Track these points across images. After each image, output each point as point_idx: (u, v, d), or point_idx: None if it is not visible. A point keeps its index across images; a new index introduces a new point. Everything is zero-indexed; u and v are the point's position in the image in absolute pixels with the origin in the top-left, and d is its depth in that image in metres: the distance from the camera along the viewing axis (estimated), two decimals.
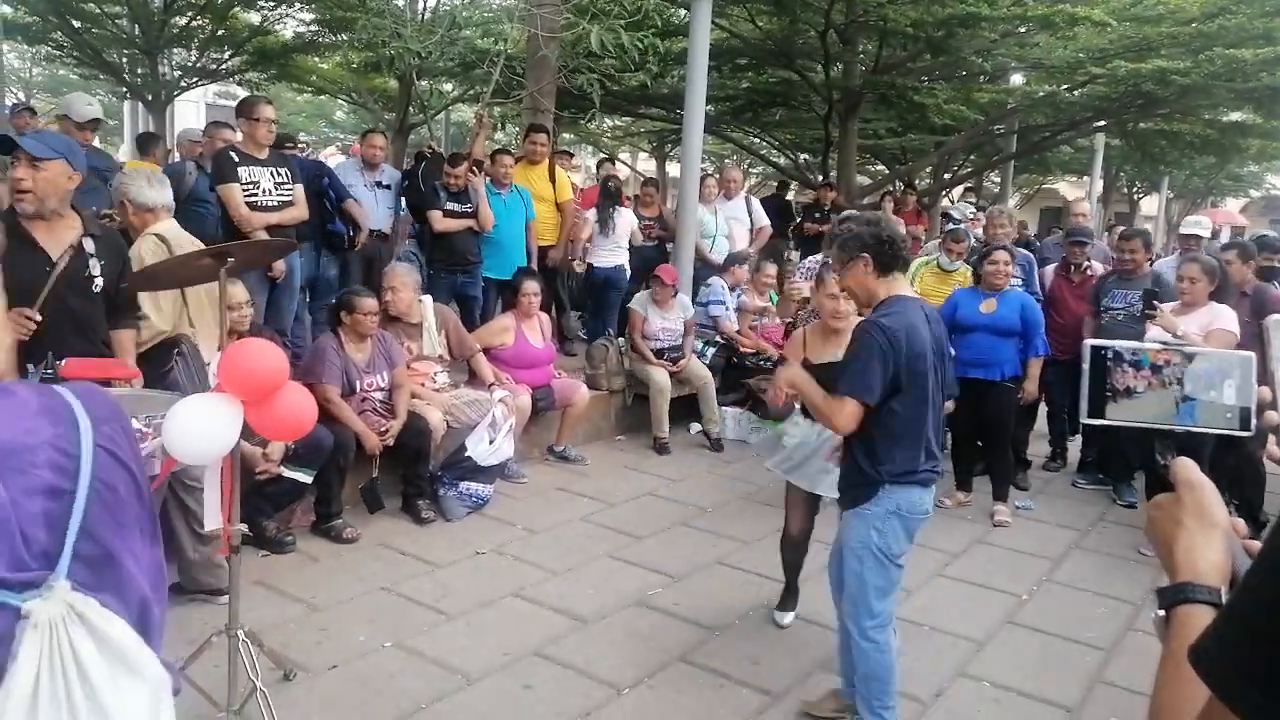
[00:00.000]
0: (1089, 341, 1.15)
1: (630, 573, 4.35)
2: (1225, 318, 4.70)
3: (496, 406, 5.07)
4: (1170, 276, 5.73)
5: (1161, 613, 0.89)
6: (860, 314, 3.26)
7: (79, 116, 5.04)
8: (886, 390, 2.80)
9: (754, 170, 25.58)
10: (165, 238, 3.82)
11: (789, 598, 3.97)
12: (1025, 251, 6.30)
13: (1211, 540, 0.93)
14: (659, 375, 6.37)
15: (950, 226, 7.20)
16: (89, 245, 3.30)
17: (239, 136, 5.51)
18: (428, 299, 5.39)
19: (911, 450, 2.89)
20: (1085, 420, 1.16)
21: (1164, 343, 1.15)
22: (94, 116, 5.14)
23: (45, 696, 1.10)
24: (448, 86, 16.00)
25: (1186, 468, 0.99)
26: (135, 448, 1.26)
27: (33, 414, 1.15)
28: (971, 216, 8.14)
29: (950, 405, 3.37)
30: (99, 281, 3.33)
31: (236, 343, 2.75)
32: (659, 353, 6.49)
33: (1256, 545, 0.94)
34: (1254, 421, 1.09)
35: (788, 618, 3.93)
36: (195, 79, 16.12)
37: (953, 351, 5.30)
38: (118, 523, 1.20)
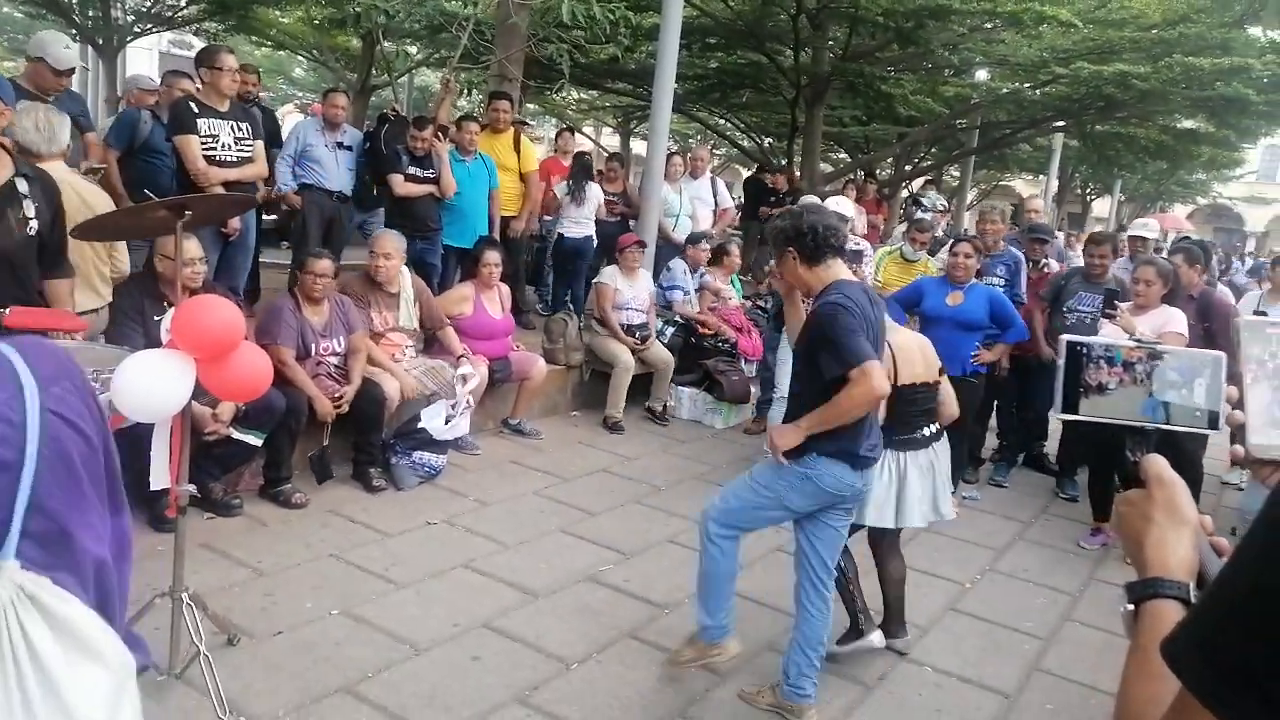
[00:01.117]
0: (1066, 338, 1.17)
1: (582, 548, 4.34)
2: (1177, 320, 4.80)
3: (460, 385, 5.03)
4: (1126, 278, 5.84)
5: (1130, 607, 0.90)
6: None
7: (58, 63, 4.68)
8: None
9: (717, 151, 25.57)
10: None
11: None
12: (1015, 251, 6.15)
13: (1181, 536, 0.94)
14: (625, 354, 6.36)
15: (917, 216, 7.24)
16: (22, 185, 3.16)
17: (197, 88, 5.34)
18: (406, 270, 5.29)
19: (850, 428, 2.91)
20: (1058, 416, 1.17)
21: (1137, 340, 1.16)
22: (73, 65, 4.79)
23: None
24: (413, 49, 15.70)
25: (1157, 464, 1.00)
26: (91, 407, 1.13)
27: None
28: (941, 209, 8.15)
29: None
30: (34, 224, 3.19)
31: (191, 299, 2.68)
32: (627, 330, 6.48)
33: (1224, 542, 0.96)
34: (1222, 421, 1.10)
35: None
36: (149, 25, 15.63)
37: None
38: (72, 494, 1.09)
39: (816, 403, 2.89)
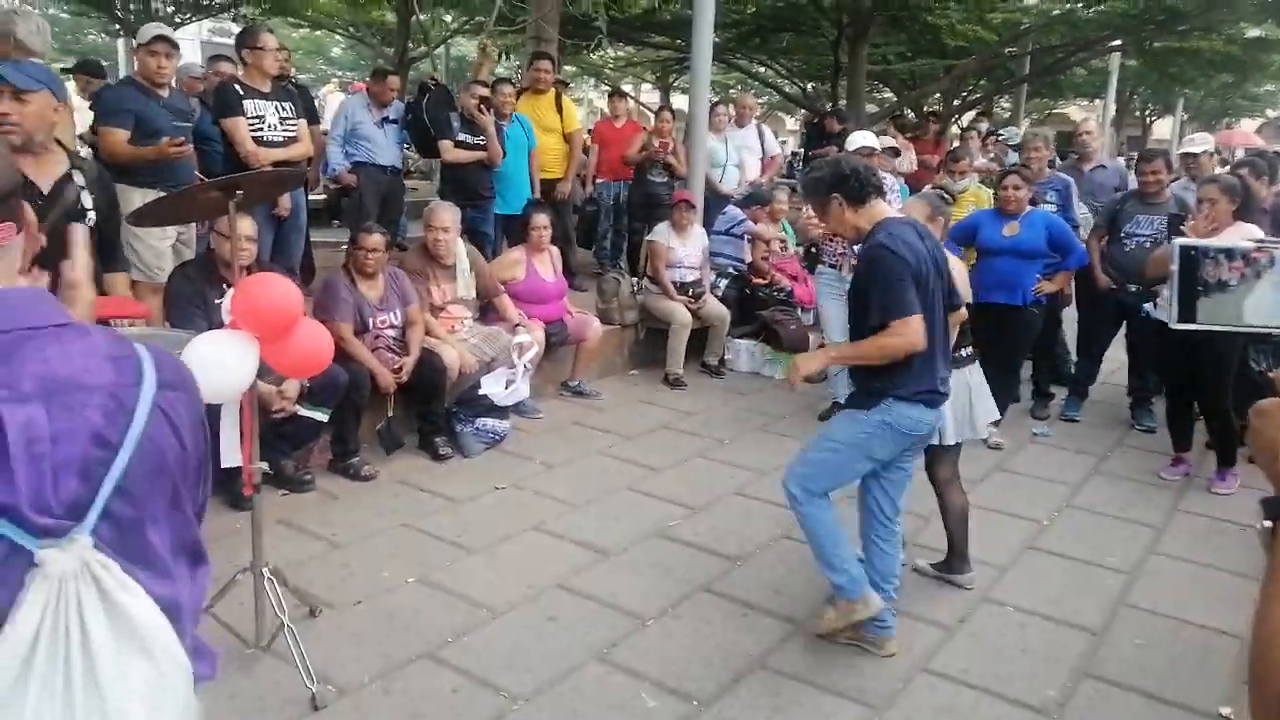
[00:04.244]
0: (1179, 241, 1.09)
1: (649, 505, 4.34)
2: (1253, 236, 4.59)
3: (516, 353, 5.04)
4: (1189, 199, 5.61)
5: (1268, 523, 0.84)
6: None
7: (140, 38, 4.59)
8: None
9: (760, 99, 25.15)
10: None
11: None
12: (1063, 176, 6.13)
13: None
14: (682, 312, 6.31)
15: (950, 147, 7.09)
16: (78, 178, 3.22)
17: (240, 71, 5.37)
18: (460, 240, 5.28)
19: (920, 367, 2.89)
20: (1174, 325, 1.10)
21: (1258, 241, 1.07)
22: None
23: (42, 655, 1.01)
24: (448, 18, 15.64)
25: None
26: (196, 420, 1.18)
27: (100, 357, 1.09)
28: (1015, 142, 7.98)
29: (964, 312, 3.35)
30: (91, 215, 3.26)
31: (249, 278, 2.69)
32: (680, 288, 6.42)
33: None
34: None
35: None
36: (189, 15, 15.78)
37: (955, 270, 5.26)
38: (158, 490, 1.13)
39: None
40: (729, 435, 5.38)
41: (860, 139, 5.95)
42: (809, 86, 17.86)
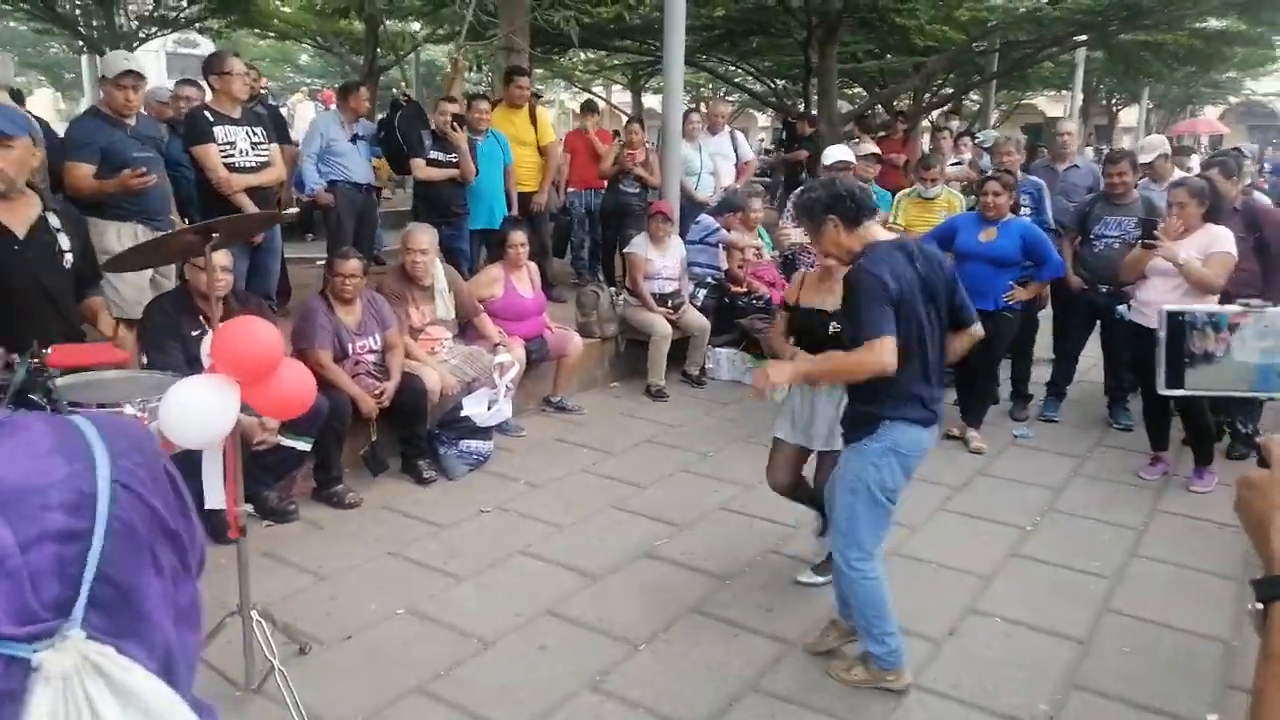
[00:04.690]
0: (1166, 308, 1.10)
1: (635, 523, 4.34)
2: (1223, 239, 4.65)
3: (498, 373, 5.02)
4: (1154, 198, 5.67)
5: (1259, 606, 0.84)
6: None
7: (107, 70, 4.56)
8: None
9: (730, 99, 25.16)
10: None
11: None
12: (1035, 179, 6.16)
13: None
14: (661, 324, 6.31)
15: (921, 153, 7.13)
16: (54, 220, 3.18)
17: (207, 95, 5.32)
18: (437, 260, 5.25)
19: (910, 389, 2.90)
20: (1164, 391, 1.11)
21: (1243, 304, 1.09)
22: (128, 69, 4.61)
23: None
24: (416, 26, 15.57)
25: None
26: (160, 479, 1.17)
27: (45, 452, 1.05)
28: (989, 144, 8.01)
29: (979, 330, 3.30)
30: (69, 257, 3.23)
31: (228, 322, 2.66)
32: (658, 299, 6.42)
33: None
34: None
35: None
36: (154, 28, 15.58)
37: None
38: (138, 563, 1.11)
39: None
40: (712, 448, 5.38)
41: (836, 153, 5.97)
42: (780, 84, 17.89)
